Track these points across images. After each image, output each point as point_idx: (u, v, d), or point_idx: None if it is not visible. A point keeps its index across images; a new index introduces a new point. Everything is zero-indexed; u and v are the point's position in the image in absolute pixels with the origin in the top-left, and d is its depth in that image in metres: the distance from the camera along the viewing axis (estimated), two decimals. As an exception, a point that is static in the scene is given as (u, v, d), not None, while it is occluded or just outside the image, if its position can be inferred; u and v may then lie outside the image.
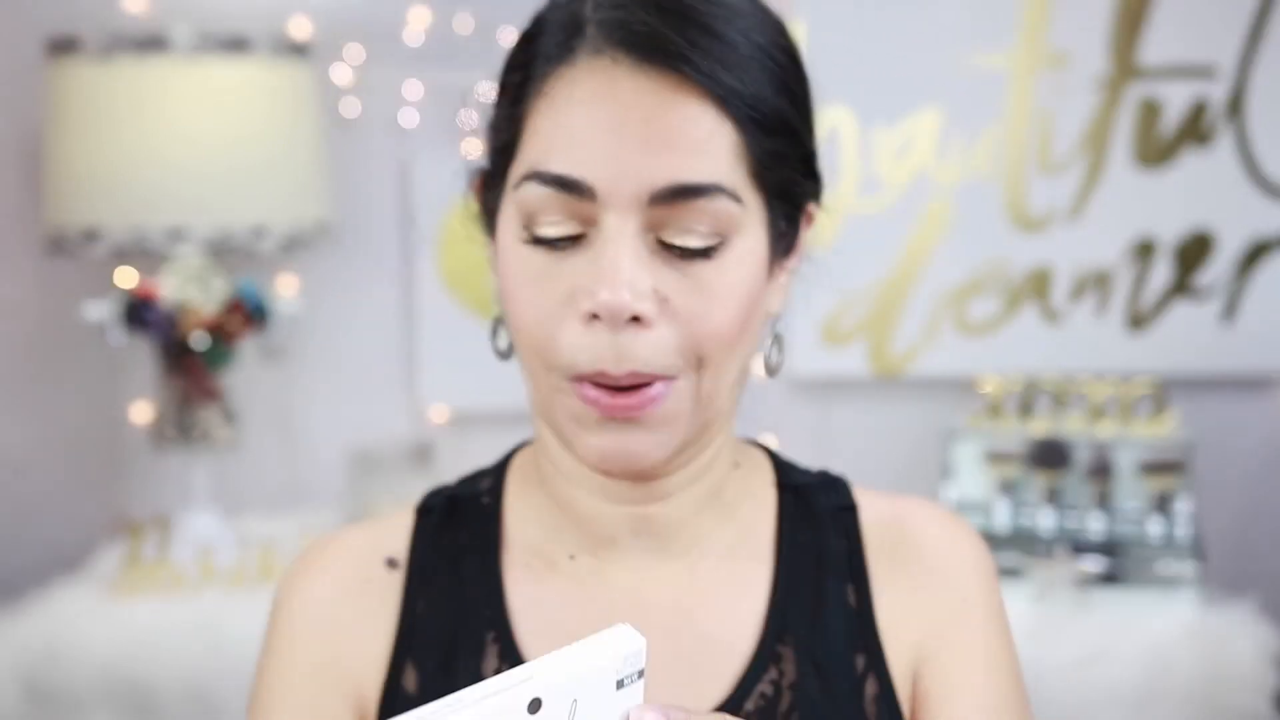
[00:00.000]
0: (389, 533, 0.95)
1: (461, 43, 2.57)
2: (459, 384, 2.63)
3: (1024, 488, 2.36)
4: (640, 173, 0.78)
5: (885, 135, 2.56)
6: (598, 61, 0.79)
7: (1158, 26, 2.50)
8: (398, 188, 2.63)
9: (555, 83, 0.80)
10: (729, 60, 0.79)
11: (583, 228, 0.80)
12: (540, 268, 0.81)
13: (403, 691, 0.89)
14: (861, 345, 2.61)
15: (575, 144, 0.79)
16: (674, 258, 0.80)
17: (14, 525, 2.57)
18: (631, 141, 0.78)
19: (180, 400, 2.30)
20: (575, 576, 0.90)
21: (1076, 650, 2.11)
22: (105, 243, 2.22)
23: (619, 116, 0.78)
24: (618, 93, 0.78)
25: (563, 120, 0.79)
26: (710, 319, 0.80)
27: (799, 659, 0.88)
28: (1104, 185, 2.54)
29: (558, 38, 0.82)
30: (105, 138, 2.21)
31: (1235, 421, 2.61)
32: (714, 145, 0.78)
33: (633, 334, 0.79)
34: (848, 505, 0.95)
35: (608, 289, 0.78)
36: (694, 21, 0.79)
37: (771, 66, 0.81)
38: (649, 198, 0.78)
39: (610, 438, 0.82)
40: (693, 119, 0.78)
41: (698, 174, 0.78)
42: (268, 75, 2.27)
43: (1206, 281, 2.55)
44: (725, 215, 0.79)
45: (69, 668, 2.09)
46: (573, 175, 0.78)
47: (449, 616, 0.90)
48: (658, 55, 0.78)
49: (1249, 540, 2.63)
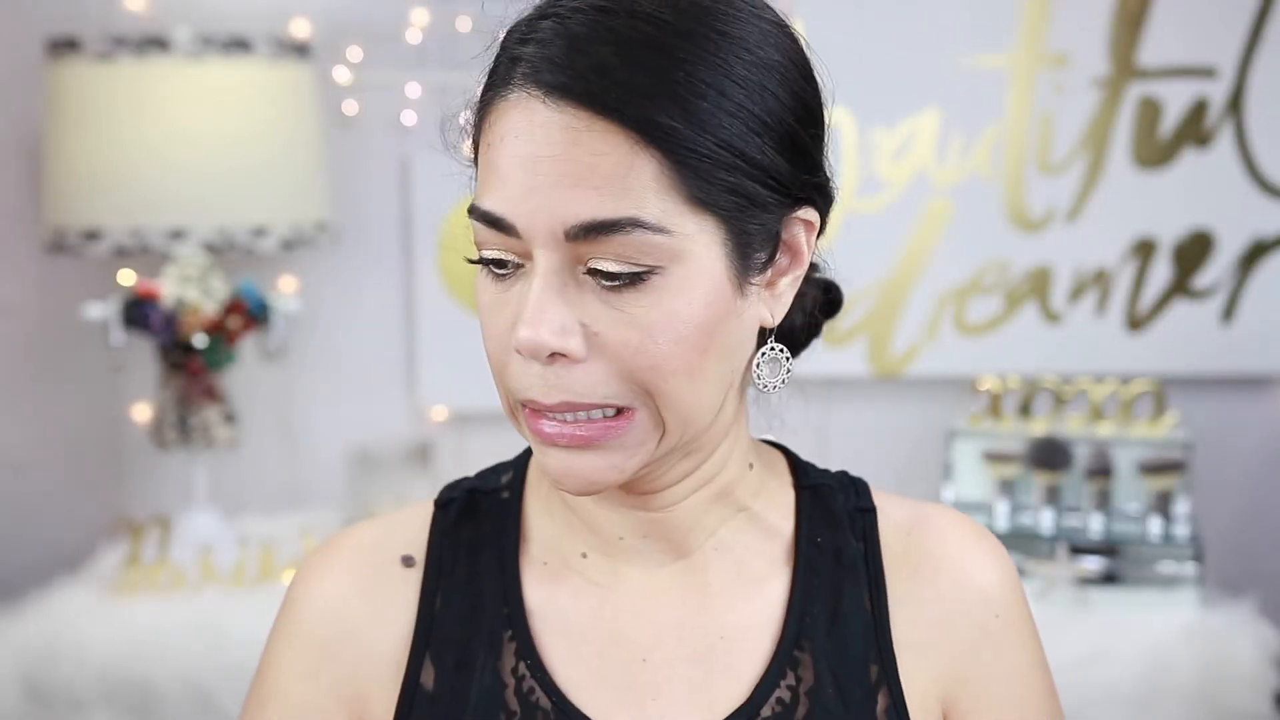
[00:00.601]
0: (406, 527, 0.94)
1: (461, 43, 2.57)
2: (459, 384, 2.63)
3: (1024, 488, 2.37)
4: (554, 210, 0.77)
5: (885, 135, 2.56)
6: (520, 97, 0.79)
7: (1158, 27, 2.50)
8: (398, 188, 2.63)
9: (491, 116, 0.82)
10: (657, 88, 0.76)
11: (520, 259, 0.81)
12: (493, 297, 0.82)
13: (421, 689, 0.89)
14: (861, 345, 2.61)
15: (500, 181, 0.79)
16: (601, 290, 0.79)
17: (14, 525, 2.57)
18: (544, 179, 0.77)
19: (180, 400, 2.30)
20: (587, 575, 0.90)
21: (1076, 650, 2.11)
22: (105, 243, 2.22)
23: (534, 153, 0.78)
24: (534, 129, 0.78)
25: (493, 156, 0.80)
26: (644, 351, 0.79)
27: (816, 664, 0.88)
28: (1104, 185, 2.55)
29: (500, 70, 0.82)
30: (105, 138, 2.21)
31: (1235, 421, 2.62)
32: (632, 179, 0.77)
33: (560, 368, 0.79)
34: (867, 508, 0.94)
35: (526, 327, 0.78)
36: (616, 49, 0.77)
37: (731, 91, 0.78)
38: (564, 234, 0.78)
39: (560, 460, 0.82)
40: (605, 154, 0.76)
41: (610, 210, 0.77)
42: (268, 75, 2.27)
43: (1206, 281, 2.55)
44: (649, 246, 0.77)
45: (69, 668, 2.09)
46: (496, 213, 0.79)
47: (467, 613, 0.90)
48: (565, 91, 0.77)
49: (1249, 540, 2.63)
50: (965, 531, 0.93)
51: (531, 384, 0.80)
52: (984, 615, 0.91)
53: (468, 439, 2.67)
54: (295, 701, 0.90)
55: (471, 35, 2.56)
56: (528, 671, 0.88)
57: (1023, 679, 0.91)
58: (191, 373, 2.29)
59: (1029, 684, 0.91)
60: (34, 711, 2.10)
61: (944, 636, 0.90)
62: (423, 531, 0.94)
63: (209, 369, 2.29)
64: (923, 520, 0.94)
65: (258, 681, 0.92)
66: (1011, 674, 0.91)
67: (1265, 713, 2.11)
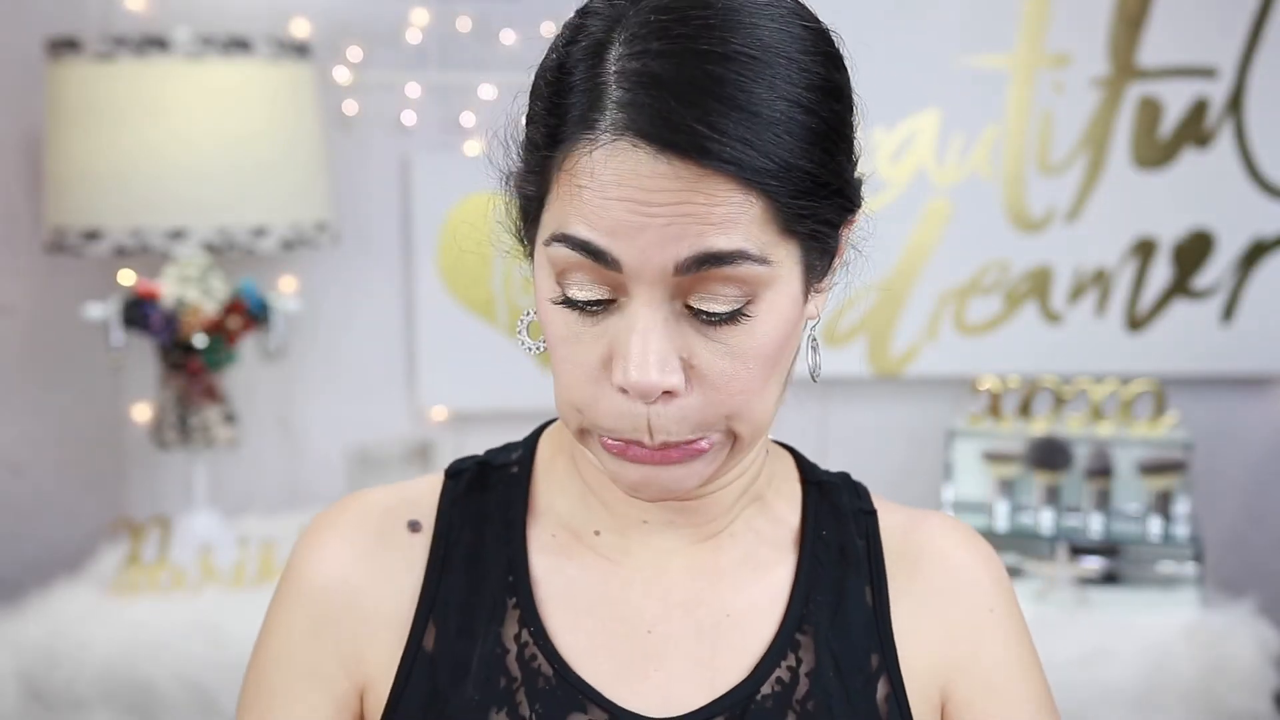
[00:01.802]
0: (416, 493, 0.96)
1: (461, 43, 2.57)
2: (459, 384, 2.63)
3: (1024, 488, 2.37)
4: (664, 249, 0.78)
5: (885, 135, 2.56)
6: (619, 143, 0.77)
7: (1158, 27, 2.50)
8: (398, 188, 2.63)
9: (578, 157, 0.79)
10: (755, 136, 0.77)
11: (613, 293, 0.80)
12: (575, 329, 0.82)
13: (423, 652, 0.90)
14: (861, 345, 2.61)
15: (599, 218, 0.78)
16: (701, 323, 0.80)
17: (14, 525, 2.57)
18: (656, 223, 0.77)
19: (180, 400, 2.30)
20: (599, 550, 0.92)
21: (1076, 650, 2.11)
22: (106, 243, 2.22)
23: (641, 199, 0.77)
24: (640, 178, 0.77)
25: (586, 197, 0.79)
26: (737, 378, 0.81)
27: (818, 648, 0.90)
28: (1104, 185, 2.55)
29: (582, 103, 0.79)
30: (105, 138, 2.21)
31: (1234, 421, 2.62)
32: (739, 217, 0.78)
33: (663, 405, 0.80)
34: (868, 510, 0.97)
35: (636, 369, 0.79)
36: (717, 96, 0.77)
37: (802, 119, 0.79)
38: (674, 269, 0.78)
39: (644, 474, 0.83)
40: (717, 200, 0.77)
41: (723, 243, 0.78)
42: (268, 75, 2.27)
43: (1206, 281, 2.55)
44: (751, 277, 0.79)
45: (69, 668, 2.09)
46: (598, 244, 0.78)
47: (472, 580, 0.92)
48: (677, 148, 0.76)
49: (1249, 540, 2.63)
50: (958, 533, 0.97)
51: (636, 426, 0.81)
52: (980, 608, 0.94)
53: (467, 439, 2.67)
54: (298, 662, 0.91)
55: (472, 35, 2.56)
56: (530, 639, 0.89)
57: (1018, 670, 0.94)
58: (191, 373, 2.29)
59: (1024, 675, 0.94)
60: (34, 711, 2.10)
61: (942, 628, 0.93)
62: (432, 498, 0.95)
63: (209, 369, 2.29)
64: (919, 523, 0.97)
65: (260, 646, 0.93)
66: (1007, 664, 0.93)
67: (1265, 713, 2.11)
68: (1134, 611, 2.20)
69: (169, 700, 2.09)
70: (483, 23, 2.56)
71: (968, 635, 0.93)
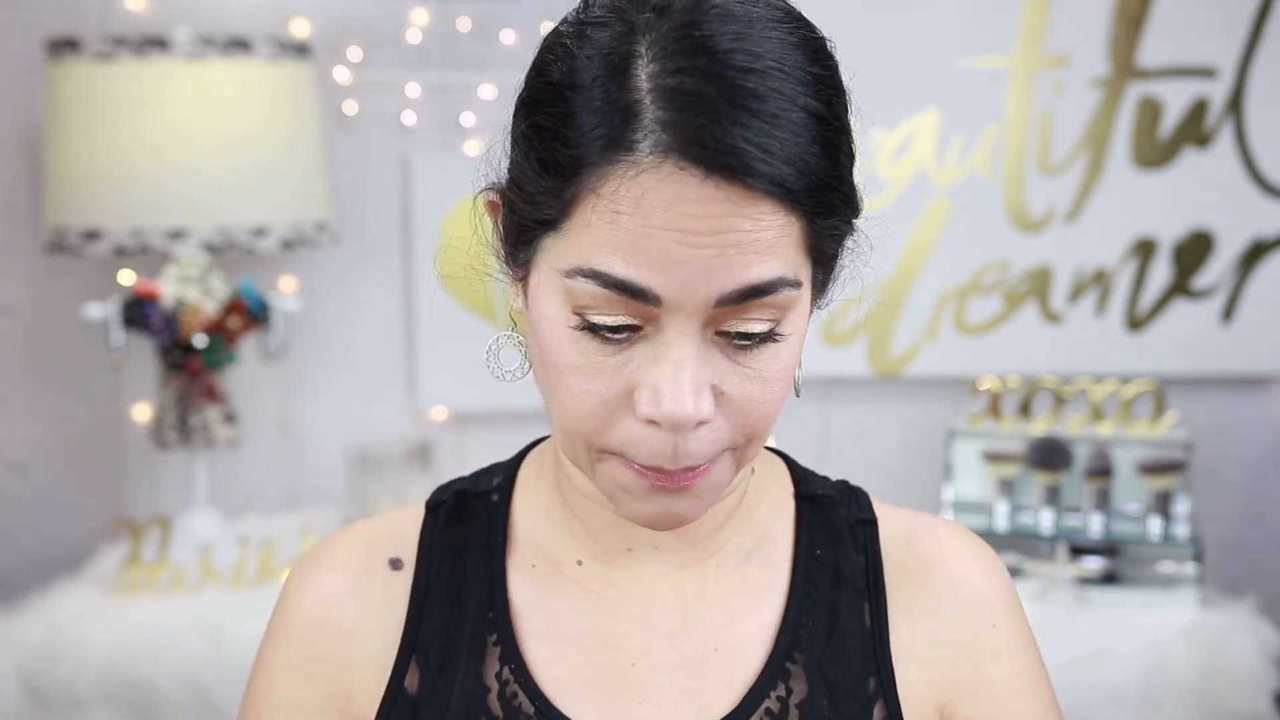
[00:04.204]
0: (398, 529, 0.94)
1: (461, 43, 2.57)
2: (459, 384, 2.63)
3: (1024, 488, 2.37)
4: (710, 281, 0.75)
5: (885, 135, 2.56)
6: (663, 167, 0.74)
7: (1158, 27, 2.50)
8: (398, 188, 2.63)
9: (616, 182, 0.75)
10: (795, 156, 0.75)
11: (642, 322, 0.77)
12: (594, 358, 0.78)
13: (405, 691, 0.89)
14: (861, 345, 2.61)
15: (639, 250, 0.75)
16: (732, 349, 0.78)
17: (14, 525, 2.58)
18: (702, 253, 0.74)
19: (180, 400, 2.30)
20: (581, 581, 0.90)
21: (1076, 650, 2.11)
22: (106, 243, 2.22)
23: (688, 227, 0.74)
24: (686, 204, 0.74)
25: (625, 224, 0.75)
26: (764, 403, 0.79)
27: (810, 676, 0.87)
28: (1104, 185, 2.55)
29: (610, 123, 0.75)
30: (105, 138, 2.21)
31: (1234, 421, 2.62)
32: (783, 241, 0.76)
33: (689, 432, 0.78)
34: (867, 519, 0.94)
35: (672, 400, 0.76)
36: (758, 114, 0.74)
37: (825, 135, 0.77)
38: (716, 300, 0.76)
39: (658, 505, 0.81)
40: (764, 224, 0.75)
41: (767, 273, 0.76)
42: (268, 75, 2.27)
43: (1206, 282, 2.55)
44: (786, 301, 0.78)
45: (69, 668, 2.08)
46: (638, 283, 0.75)
47: (452, 616, 0.90)
48: (727, 170, 0.73)
49: (1249, 540, 2.63)
50: (962, 542, 0.94)
51: (658, 452, 0.78)
52: (981, 624, 0.91)
53: (467, 439, 2.67)
54: (287, 703, 0.91)
55: (472, 35, 2.56)
56: (511, 676, 0.87)
57: (1021, 688, 0.91)
58: (191, 373, 2.29)
59: (1027, 692, 0.91)
60: (34, 711, 2.10)
61: (942, 646, 0.90)
62: (414, 534, 0.94)
63: (209, 369, 2.29)
64: (921, 530, 0.94)
65: (252, 681, 0.93)
66: (1009, 683, 0.90)
67: (1265, 713, 2.11)
68: (1134, 611, 2.20)
69: (169, 700, 2.09)
70: (483, 23, 2.56)
71: (969, 654, 0.90)
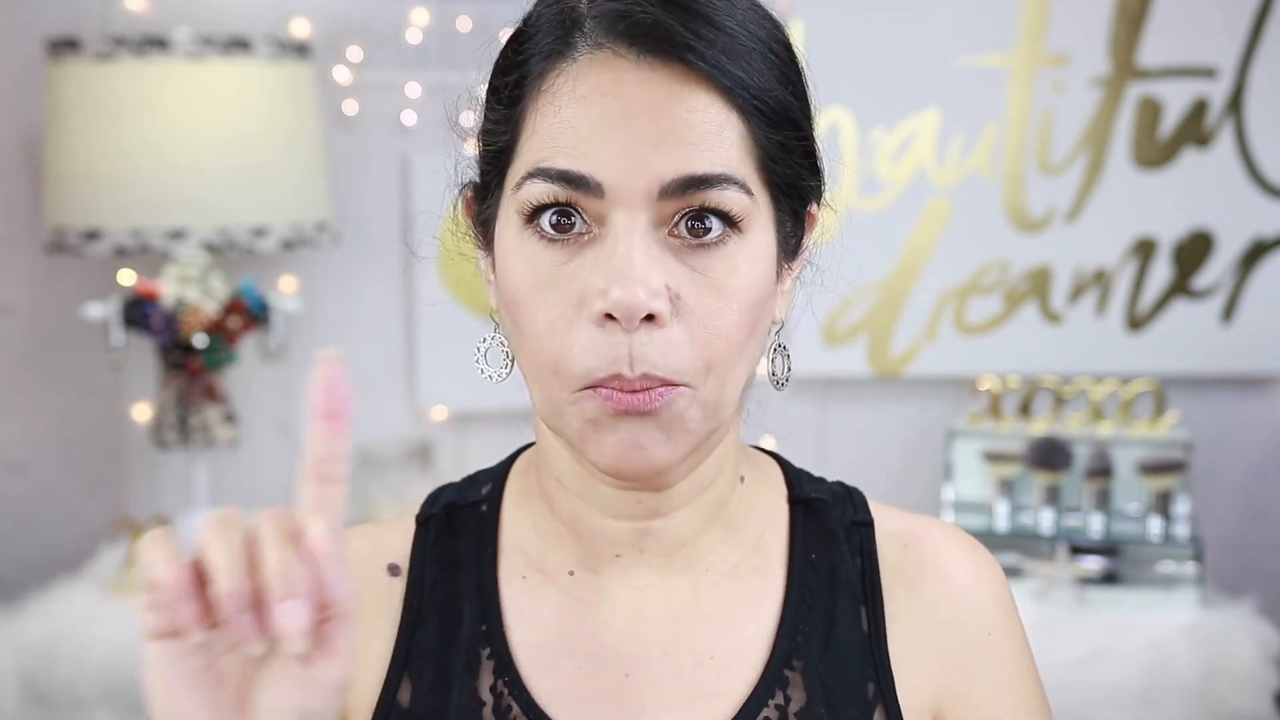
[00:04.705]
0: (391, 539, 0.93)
1: (461, 43, 2.57)
2: (459, 384, 2.63)
3: (1024, 488, 2.37)
4: (649, 167, 0.76)
5: (885, 135, 2.56)
6: (599, 55, 0.77)
7: (1158, 27, 2.50)
8: (398, 188, 2.63)
9: (555, 79, 0.78)
10: (733, 50, 0.77)
11: (591, 226, 0.78)
12: (548, 271, 0.78)
13: (397, 705, 0.88)
14: (861, 345, 2.61)
15: (581, 140, 0.76)
16: (685, 252, 0.78)
17: (14, 525, 2.57)
18: (640, 136, 0.76)
19: (180, 400, 2.30)
20: (572, 591, 0.89)
21: (1076, 650, 2.11)
22: (106, 243, 2.22)
23: (625, 110, 0.76)
24: (622, 86, 0.76)
25: (566, 116, 0.77)
26: (722, 317, 0.78)
27: (808, 684, 0.86)
28: (1104, 185, 2.55)
29: (554, 34, 0.79)
30: (105, 138, 2.21)
31: (1234, 421, 2.62)
32: (723, 136, 0.77)
33: (646, 334, 0.76)
34: (863, 521, 0.93)
35: (620, 287, 0.75)
36: (695, 12, 0.77)
37: (772, 59, 0.80)
38: (659, 191, 0.76)
39: (625, 435, 0.79)
40: (700, 110, 0.76)
41: (708, 165, 0.76)
42: (268, 75, 2.27)
43: (1206, 282, 2.55)
44: (736, 206, 0.78)
45: (69, 668, 2.09)
46: (579, 171, 0.76)
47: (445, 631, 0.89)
48: (662, 46, 0.76)
49: (1249, 540, 2.63)
50: (959, 546, 0.93)
51: (617, 356, 0.76)
52: (977, 630, 0.90)
53: (467, 439, 2.67)
54: None
55: (472, 35, 2.56)
56: (505, 689, 0.86)
57: (1014, 694, 0.90)
58: (191, 373, 2.29)
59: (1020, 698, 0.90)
60: (34, 711, 2.10)
61: (938, 651, 0.90)
62: (404, 548, 0.93)
63: (209, 369, 2.29)
64: (918, 533, 0.93)
65: None
66: (1003, 689, 0.90)
67: (1265, 713, 2.11)
68: (1134, 611, 2.20)
69: (169, 700, 2.08)
70: (483, 23, 2.56)
71: (963, 661, 0.89)
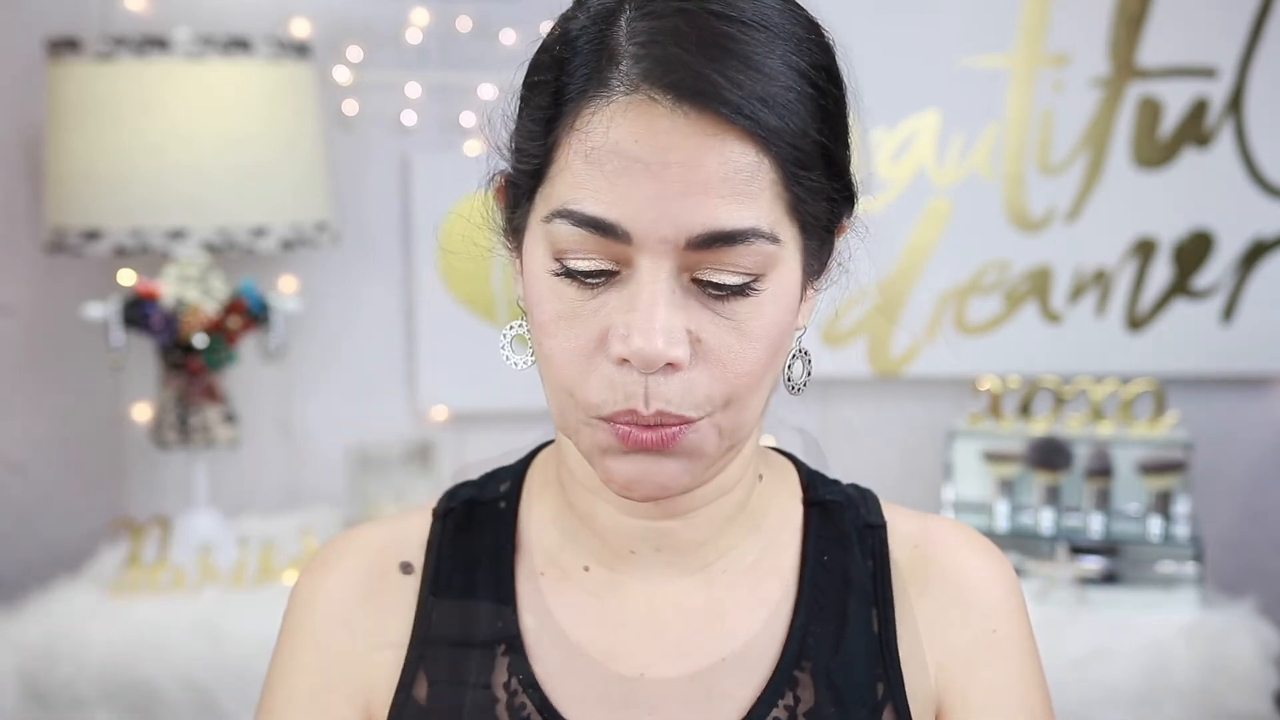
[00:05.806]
0: (407, 534, 0.94)
1: (461, 43, 2.57)
2: (459, 384, 2.63)
3: (1024, 488, 2.37)
4: (678, 218, 0.75)
5: (885, 135, 2.56)
6: (634, 98, 0.76)
7: (1158, 27, 2.50)
8: (398, 188, 2.63)
9: (590, 117, 0.77)
10: (769, 95, 0.76)
11: (616, 265, 0.78)
12: (572, 305, 0.79)
13: (413, 701, 0.88)
14: (861, 345, 2.61)
15: (610, 186, 0.76)
16: (708, 297, 0.78)
17: (14, 525, 2.57)
18: (671, 187, 0.75)
19: (180, 400, 2.30)
20: (589, 588, 0.89)
21: (1076, 650, 2.11)
22: (105, 243, 2.22)
23: (657, 159, 0.75)
24: (656, 135, 0.75)
25: (596, 159, 0.76)
26: (742, 358, 0.79)
27: (817, 684, 0.87)
28: (1104, 185, 2.55)
29: (590, 65, 0.78)
30: (105, 138, 2.21)
31: (1234, 421, 2.62)
32: (754, 186, 0.76)
33: (661, 376, 0.77)
34: (876, 523, 0.94)
35: (641, 336, 0.76)
36: (732, 54, 0.76)
37: (811, 93, 0.79)
38: (685, 242, 0.76)
39: (637, 466, 0.80)
40: (733, 161, 0.75)
41: (736, 220, 0.76)
42: (268, 75, 2.27)
43: (1206, 282, 2.55)
44: (761, 255, 0.77)
45: (69, 668, 2.09)
46: (607, 218, 0.76)
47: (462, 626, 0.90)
48: (698, 96, 0.75)
49: (1249, 540, 2.63)
50: (970, 544, 0.93)
51: (631, 393, 0.77)
52: (984, 628, 0.91)
53: (467, 439, 2.67)
54: (309, 699, 0.90)
55: (472, 35, 2.56)
56: (520, 687, 0.87)
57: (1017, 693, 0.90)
58: (191, 373, 2.29)
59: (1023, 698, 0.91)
60: (34, 711, 2.10)
61: (944, 650, 0.90)
62: (421, 540, 0.93)
63: (209, 369, 2.29)
64: (929, 533, 0.93)
65: (268, 691, 0.92)
66: (1007, 688, 0.90)
67: (1265, 713, 2.11)
68: (1134, 611, 2.20)
69: (169, 700, 2.09)
70: (483, 23, 2.56)
71: (966, 658, 0.90)
